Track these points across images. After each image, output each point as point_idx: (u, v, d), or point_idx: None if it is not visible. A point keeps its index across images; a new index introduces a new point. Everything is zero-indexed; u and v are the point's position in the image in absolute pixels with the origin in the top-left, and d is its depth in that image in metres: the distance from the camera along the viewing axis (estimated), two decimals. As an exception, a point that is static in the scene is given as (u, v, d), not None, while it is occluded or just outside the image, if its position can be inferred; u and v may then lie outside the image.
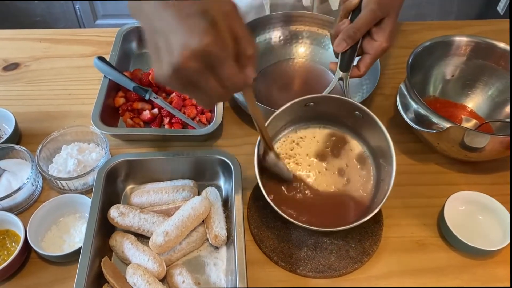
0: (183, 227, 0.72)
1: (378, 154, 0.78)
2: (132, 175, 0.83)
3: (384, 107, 0.99)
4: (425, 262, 0.76)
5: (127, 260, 0.73)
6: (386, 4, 0.70)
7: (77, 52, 1.10)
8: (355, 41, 0.73)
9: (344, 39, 0.72)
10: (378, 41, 0.72)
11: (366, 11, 0.71)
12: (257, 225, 0.79)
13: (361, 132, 0.79)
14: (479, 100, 0.95)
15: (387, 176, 0.73)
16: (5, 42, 1.14)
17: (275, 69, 1.05)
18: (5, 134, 0.89)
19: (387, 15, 0.71)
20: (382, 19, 0.71)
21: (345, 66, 0.76)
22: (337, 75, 0.76)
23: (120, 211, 0.75)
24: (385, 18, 0.72)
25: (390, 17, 0.71)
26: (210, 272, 0.73)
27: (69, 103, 0.99)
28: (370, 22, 0.71)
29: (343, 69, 0.76)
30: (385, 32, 0.72)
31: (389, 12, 0.71)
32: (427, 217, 0.81)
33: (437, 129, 0.77)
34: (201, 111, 0.96)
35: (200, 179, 0.84)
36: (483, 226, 0.78)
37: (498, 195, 0.79)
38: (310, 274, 0.73)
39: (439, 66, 0.95)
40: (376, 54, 0.73)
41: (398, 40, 1.15)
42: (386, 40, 0.72)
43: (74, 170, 0.82)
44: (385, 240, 0.78)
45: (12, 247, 0.75)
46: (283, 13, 1.05)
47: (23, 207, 0.81)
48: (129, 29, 1.07)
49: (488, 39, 0.92)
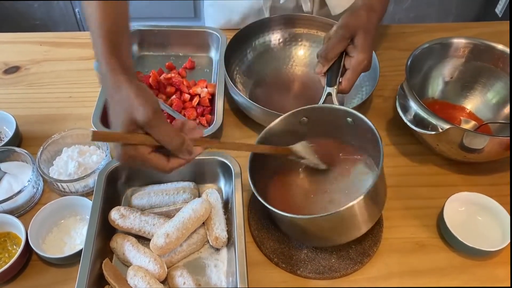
0: (184, 229, 0.72)
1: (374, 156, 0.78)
2: (133, 177, 0.83)
3: (383, 109, 0.99)
4: (425, 263, 0.76)
5: (128, 262, 0.73)
6: (353, 25, 0.79)
7: (77, 55, 1.11)
8: (330, 62, 0.80)
9: (320, 62, 0.81)
10: (354, 57, 0.79)
11: (334, 34, 0.79)
12: (258, 226, 0.79)
13: (357, 141, 0.80)
14: (478, 101, 0.96)
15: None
16: (6, 45, 1.14)
17: (274, 73, 1.05)
18: (6, 137, 0.90)
19: (356, 33, 0.78)
20: (354, 37, 0.79)
21: (331, 81, 0.81)
22: (326, 91, 0.81)
23: (121, 213, 0.75)
24: (356, 36, 0.79)
25: (361, 35, 0.78)
26: (210, 273, 0.74)
27: (70, 106, 0.99)
28: (338, 43, 0.79)
29: (330, 84, 0.81)
30: (358, 48, 0.78)
31: (358, 30, 0.78)
32: (427, 218, 0.81)
33: (436, 131, 0.77)
34: (201, 113, 0.96)
35: (200, 181, 0.84)
36: (482, 227, 0.78)
37: (498, 196, 0.80)
38: (310, 275, 0.74)
39: (438, 68, 0.96)
40: (354, 68, 0.79)
41: (397, 42, 1.15)
42: (362, 54, 0.78)
43: (74, 172, 0.82)
44: (385, 241, 0.78)
45: (13, 249, 0.75)
46: (283, 15, 1.05)
47: (24, 209, 0.81)
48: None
49: (486, 41, 0.92)
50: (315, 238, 0.74)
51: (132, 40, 1.09)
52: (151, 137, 0.59)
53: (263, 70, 1.05)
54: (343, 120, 0.76)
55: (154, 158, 0.60)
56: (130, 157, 0.59)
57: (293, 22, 1.06)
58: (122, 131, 0.58)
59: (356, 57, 0.78)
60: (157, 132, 0.58)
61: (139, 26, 1.09)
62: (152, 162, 0.60)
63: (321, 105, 0.79)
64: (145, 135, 0.59)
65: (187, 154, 0.62)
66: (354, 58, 0.78)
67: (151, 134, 0.59)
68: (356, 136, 0.78)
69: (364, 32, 0.78)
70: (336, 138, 0.81)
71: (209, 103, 0.97)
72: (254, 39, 1.05)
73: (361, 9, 0.80)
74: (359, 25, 0.78)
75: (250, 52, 1.05)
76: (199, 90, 0.98)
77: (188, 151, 0.62)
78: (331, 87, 0.80)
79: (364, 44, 0.78)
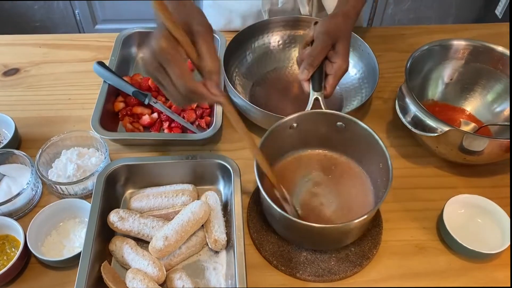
0: (183, 232, 0.72)
1: (373, 160, 0.78)
2: (132, 180, 0.83)
3: (382, 111, 0.99)
4: (425, 266, 0.76)
5: (126, 264, 0.73)
6: (334, 32, 0.80)
7: (77, 57, 1.11)
8: (315, 68, 0.81)
9: (305, 68, 0.81)
10: (336, 63, 0.80)
11: (318, 41, 0.80)
12: (257, 229, 0.79)
13: (349, 145, 0.81)
14: (478, 103, 0.95)
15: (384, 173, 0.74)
16: (5, 47, 1.14)
17: (274, 75, 1.05)
18: (5, 139, 0.90)
19: (337, 40, 0.80)
20: (335, 44, 0.80)
21: (317, 87, 0.81)
22: (312, 96, 0.81)
23: (120, 216, 0.75)
24: (337, 43, 0.80)
25: (341, 41, 0.80)
26: (210, 276, 0.73)
27: (69, 108, 0.99)
28: (323, 49, 0.80)
29: (316, 89, 0.81)
30: (340, 54, 0.80)
31: (339, 37, 0.80)
32: (427, 220, 0.81)
33: (436, 133, 0.77)
34: (201, 116, 0.96)
35: (199, 184, 0.84)
36: (482, 229, 0.78)
37: (498, 198, 0.79)
38: (309, 278, 0.73)
39: (438, 69, 0.96)
40: (336, 74, 0.81)
41: (397, 44, 1.15)
42: (343, 61, 0.80)
43: (73, 175, 0.82)
44: (384, 244, 0.78)
45: (12, 252, 0.75)
46: (282, 17, 1.05)
47: (23, 212, 0.81)
48: (129, 34, 1.08)
49: (486, 43, 0.92)
50: (313, 242, 0.74)
51: (132, 42, 1.09)
52: (195, 49, 0.62)
53: (262, 72, 1.05)
54: (334, 125, 0.78)
55: (184, 65, 0.62)
56: (162, 50, 0.60)
57: (292, 24, 1.06)
58: None
59: (338, 63, 0.80)
60: (203, 46, 0.62)
61: (139, 28, 1.09)
62: (181, 65, 0.62)
63: (310, 111, 0.79)
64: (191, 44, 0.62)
65: (215, 85, 0.64)
66: (337, 64, 0.80)
67: (196, 44, 0.62)
68: (347, 140, 0.80)
69: (344, 39, 0.80)
70: (326, 145, 0.84)
71: (208, 105, 0.97)
72: (254, 41, 1.05)
73: (338, 16, 0.82)
74: (340, 32, 0.80)
75: (249, 54, 1.05)
76: (199, 92, 0.98)
77: (216, 82, 0.64)
78: (318, 92, 0.81)
79: (344, 51, 0.80)
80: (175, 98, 0.64)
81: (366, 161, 0.81)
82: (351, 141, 0.80)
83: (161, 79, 0.63)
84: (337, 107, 0.98)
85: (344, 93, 1.01)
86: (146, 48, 0.62)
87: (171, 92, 0.63)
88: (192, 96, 0.63)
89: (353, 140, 0.80)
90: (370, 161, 0.79)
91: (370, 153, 0.77)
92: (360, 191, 0.79)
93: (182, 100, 0.65)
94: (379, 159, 0.75)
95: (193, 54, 0.63)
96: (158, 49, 0.60)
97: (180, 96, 0.63)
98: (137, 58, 1.10)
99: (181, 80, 0.61)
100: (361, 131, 0.77)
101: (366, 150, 0.78)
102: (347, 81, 1.02)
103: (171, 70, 0.61)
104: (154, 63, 0.61)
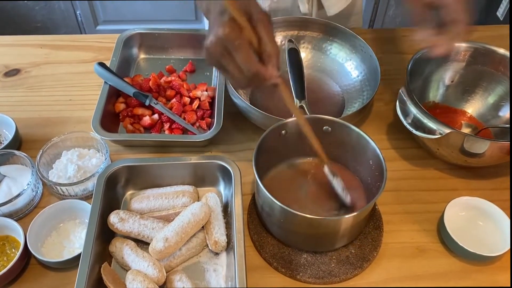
0: (183, 233, 0.72)
1: (362, 159, 0.79)
2: (132, 181, 0.83)
3: (383, 113, 0.99)
4: (425, 268, 0.76)
5: (126, 266, 0.73)
6: None
7: (78, 58, 1.11)
8: None
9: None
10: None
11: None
12: (257, 230, 0.79)
13: (336, 149, 0.81)
14: (479, 105, 0.95)
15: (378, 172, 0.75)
16: (6, 48, 1.14)
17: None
18: (6, 140, 0.90)
19: None
20: None
21: (300, 95, 0.83)
22: (296, 105, 0.82)
23: (120, 217, 0.75)
24: None
25: None
26: (210, 278, 0.73)
27: (70, 109, 0.99)
28: None
29: (299, 97, 0.83)
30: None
31: None
32: (427, 222, 0.81)
33: (437, 135, 0.77)
34: (201, 117, 0.96)
35: (200, 185, 0.84)
36: (483, 232, 0.78)
37: (498, 201, 0.79)
38: (310, 280, 0.73)
39: (439, 71, 0.96)
40: None
41: (398, 46, 1.15)
42: None
43: (74, 175, 0.82)
44: (385, 246, 0.78)
45: (12, 253, 0.75)
46: (284, 18, 1.05)
47: (23, 212, 0.81)
48: (130, 35, 1.08)
49: (487, 45, 0.92)
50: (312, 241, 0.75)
51: (133, 43, 1.09)
52: (256, 35, 0.64)
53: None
54: (321, 130, 0.79)
55: (249, 50, 0.64)
56: (228, 36, 0.62)
57: (294, 25, 1.06)
58: None
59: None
60: (263, 31, 0.64)
61: (140, 29, 1.09)
62: (247, 50, 0.64)
63: (295, 118, 0.79)
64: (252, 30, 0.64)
65: (276, 67, 0.67)
66: None
67: (257, 30, 0.64)
68: (337, 143, 0.80)
69: None
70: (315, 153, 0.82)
71: (209, 107, 0.97)
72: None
73: None
74: None
75: (250, 55, 1.05)
76: (199, 93, 0.98)
77: (276, 65, 0.67)
78: (303, 100, 0.82)
79: None
80: (239, 81, 0.68)
81: (354, 163, 0.81)
82: (338, 144, 0.80)
83: (225, 64, 0.66)
84: (339, 110, 0.98)
85: (346, 96, 1.01)
86: (210, 35, 0.64)
87: (235, 76, 0.66)
88: (255, 78, 0.66)
89: (339, 143, 0.80)
90: (358, 161, 0.80)
91: (358, 153, 0.78)
92: (353, 193, 0.79)
93: (245, 83, 0.68)
94: (368, 157, 0.75)
95: (254, 39, 0.65)
96: (224, 36, 0.63)
97: (245, 79, 0.66)
98: (138, 59, 1.10)
99: (248, 64, 0.64)
100: (348, 131, 0.77)
101: (353, 151, 0.79)
102: (349, 83, 1.02)
103: (237, 55, 0.64)
104: (219, 48, 0.64)
